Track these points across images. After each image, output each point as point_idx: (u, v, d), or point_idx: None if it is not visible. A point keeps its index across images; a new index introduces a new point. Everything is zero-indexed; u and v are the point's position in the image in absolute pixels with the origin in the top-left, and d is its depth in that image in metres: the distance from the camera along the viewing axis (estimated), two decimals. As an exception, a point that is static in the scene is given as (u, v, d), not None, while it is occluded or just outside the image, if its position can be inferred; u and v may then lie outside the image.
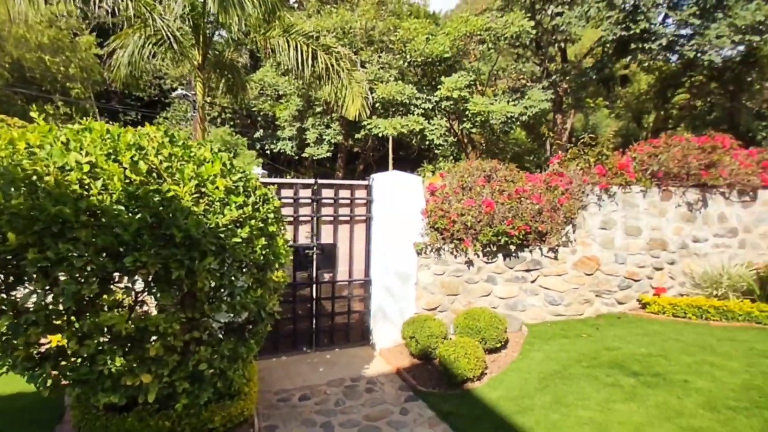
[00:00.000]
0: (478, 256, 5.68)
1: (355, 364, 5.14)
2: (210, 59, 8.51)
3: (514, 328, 5.61)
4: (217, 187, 2.53)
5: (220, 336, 2.93)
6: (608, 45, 11.88)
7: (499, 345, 5.05)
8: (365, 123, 11.62)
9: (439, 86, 10.91)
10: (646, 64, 12.82)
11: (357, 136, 13.37)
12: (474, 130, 11.78)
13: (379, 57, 12.46)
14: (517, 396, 4.08)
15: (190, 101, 14.15)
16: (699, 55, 9.86)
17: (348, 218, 5.63)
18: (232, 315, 2.87)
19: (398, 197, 5.53)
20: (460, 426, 3.72)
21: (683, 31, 10.17)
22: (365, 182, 5.74)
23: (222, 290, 2.73)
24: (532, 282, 5.90)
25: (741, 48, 10.11)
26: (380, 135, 11.62)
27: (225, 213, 2.52)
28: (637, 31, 9.94)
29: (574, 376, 4.25)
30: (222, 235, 2.47)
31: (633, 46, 10.50)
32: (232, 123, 17.95)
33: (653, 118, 15.66)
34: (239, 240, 2.54)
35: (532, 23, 11.09)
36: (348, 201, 5.62)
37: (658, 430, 3.24)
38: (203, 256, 2.38)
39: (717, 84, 12.44)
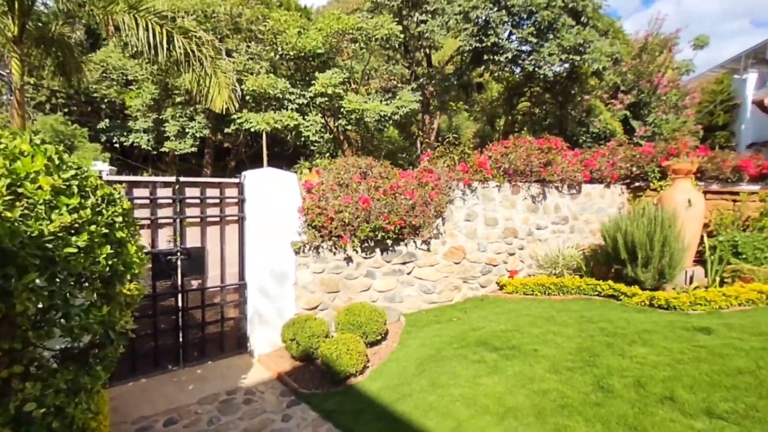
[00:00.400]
0: (357, 252, 5.77)
1: (231, 375, 4.77)
2: (31, 31, 6.90)
3: (393, 319, 5.87)
4: (39, 187, 2.04)
5: (54, 366, 2.40)
6: (466, 54, 13.19)
7: (379, 337, 5.22)
8: (235, 117, 10.84)
9: (313, 82, 10.76)
10: (497, 74, 14.60)
11: (226, 130, 12.34)
12: (350, 128, 11.92)
13: (248, 47, 11.73)
14: (397, 384, 4.26)
15: (4, 81, 11.34)
16: (536, 69, 11.60)
17: (218, 219, 5.19)
18: (69, 340, 2.37)
19: (273, 195, 5.29)
20: (343, 422, 3.73)
21: (524, 48, 11.82)
22: (236, 180, 5.35)
23: (54, 311, 2.23)
24: (408, 274, 6.24)
25: (567, 65, 12.18)
26: (253, 130, 10.97)
27: (53, 218, 2.05)
28: (489, 44, 11.23)
29: (446, 358, 4.61)
30: (50, 246, 2.00)
31: (486, 57, 11.83)
32: (66, 110, 14.92)
33: (503, 121, 17.94)
34: (74, 250, 2.09)
35: (400, 28, 11.68)
36: (217, 200, 5.17)
37: (515, 397, 3.66)
38: (23, 272, 1.89)
39: (550, 95, 14.79)
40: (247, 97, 10.71)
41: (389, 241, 5.94)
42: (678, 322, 4.87)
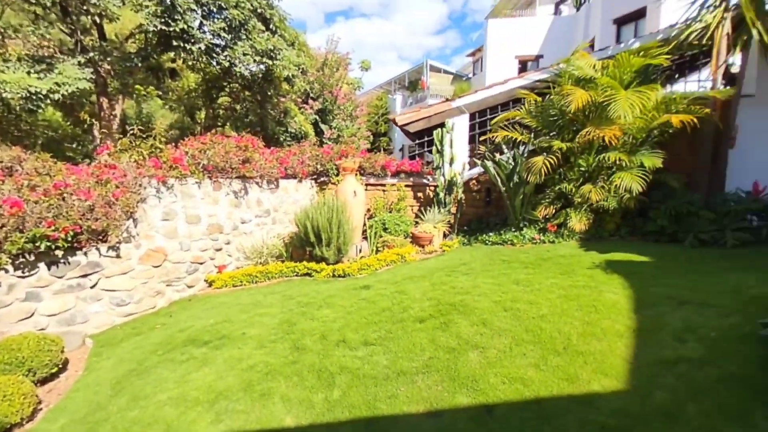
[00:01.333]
0: (7, 271, 4.45)
1: None
2: None
3: (76, 345, 4.91)
4: None
5: None
6: (151, 35, 11.81)
7: (55, 370, 4.27)
8: None
9: None
10: (191, 64, 13.84)
11: None
12: (-24, 104, 8.61)
13: None
14: (87, 413, 3.67)
15: None
16: (233, 65, 11.72)
17: None
18: None
19: None
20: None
21: (218, 42, 11.67)
22: None
23: None
24: (93, 287, 5.30)
25: (262, 67, 12.85)
26: None
27: None
28: (177, 29, 10.47)
29: (151, 367, 4.28)
30: None
31: (176, 43, 11.00)
32: None
33: (204, 114, 17.20)
34: None
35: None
36: None
37: (225, 380, 3.84)
38: None
39: (250, 93, 15.23)
40: None
41: (60, 252, 4.85)
42: (350, 285, 6.25)
